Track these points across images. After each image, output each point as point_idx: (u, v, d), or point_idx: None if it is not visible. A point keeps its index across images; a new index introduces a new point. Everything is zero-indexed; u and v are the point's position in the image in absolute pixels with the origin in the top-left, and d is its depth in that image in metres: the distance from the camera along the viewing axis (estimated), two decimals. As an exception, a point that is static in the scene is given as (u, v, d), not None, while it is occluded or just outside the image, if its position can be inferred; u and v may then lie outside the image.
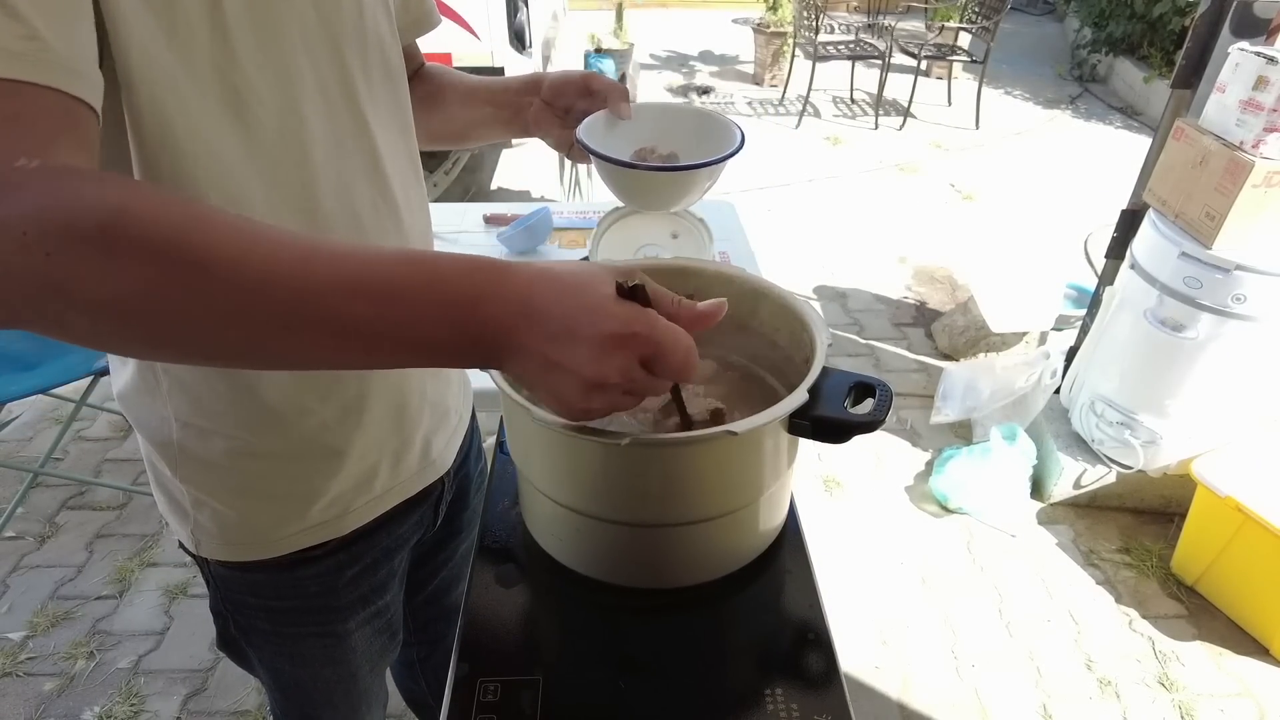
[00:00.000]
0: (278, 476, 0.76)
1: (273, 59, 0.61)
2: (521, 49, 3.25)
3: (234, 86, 0.59)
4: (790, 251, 3.75)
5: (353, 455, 0.79)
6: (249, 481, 0.76)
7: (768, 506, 0.69)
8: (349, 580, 0.86)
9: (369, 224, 0.72)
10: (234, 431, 0.72)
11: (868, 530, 2.29)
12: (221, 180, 0.61)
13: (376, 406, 0.78)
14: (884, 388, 0.63)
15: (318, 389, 0.73)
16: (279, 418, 0.73)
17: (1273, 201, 1.77)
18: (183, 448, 0.74)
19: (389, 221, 0.74)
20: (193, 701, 1.79)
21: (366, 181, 0.71)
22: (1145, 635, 1.98)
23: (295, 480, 0.77)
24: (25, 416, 2.64)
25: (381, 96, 0.72)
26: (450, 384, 0.92)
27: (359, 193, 0.71)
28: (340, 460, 0.78)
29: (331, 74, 0.66)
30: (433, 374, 0.86)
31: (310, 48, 0.64)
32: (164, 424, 0.73)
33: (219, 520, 0.77)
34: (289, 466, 0.76)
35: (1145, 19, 5.69)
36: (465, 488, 1.03)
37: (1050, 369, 2.42)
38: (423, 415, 0.85)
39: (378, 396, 0.78)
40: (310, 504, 0.78)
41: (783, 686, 0.61)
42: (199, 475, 0.75)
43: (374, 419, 0.78)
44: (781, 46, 5.88)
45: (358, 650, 0.92)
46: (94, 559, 2.14)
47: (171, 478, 0.76)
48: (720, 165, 0.84)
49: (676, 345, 0.48)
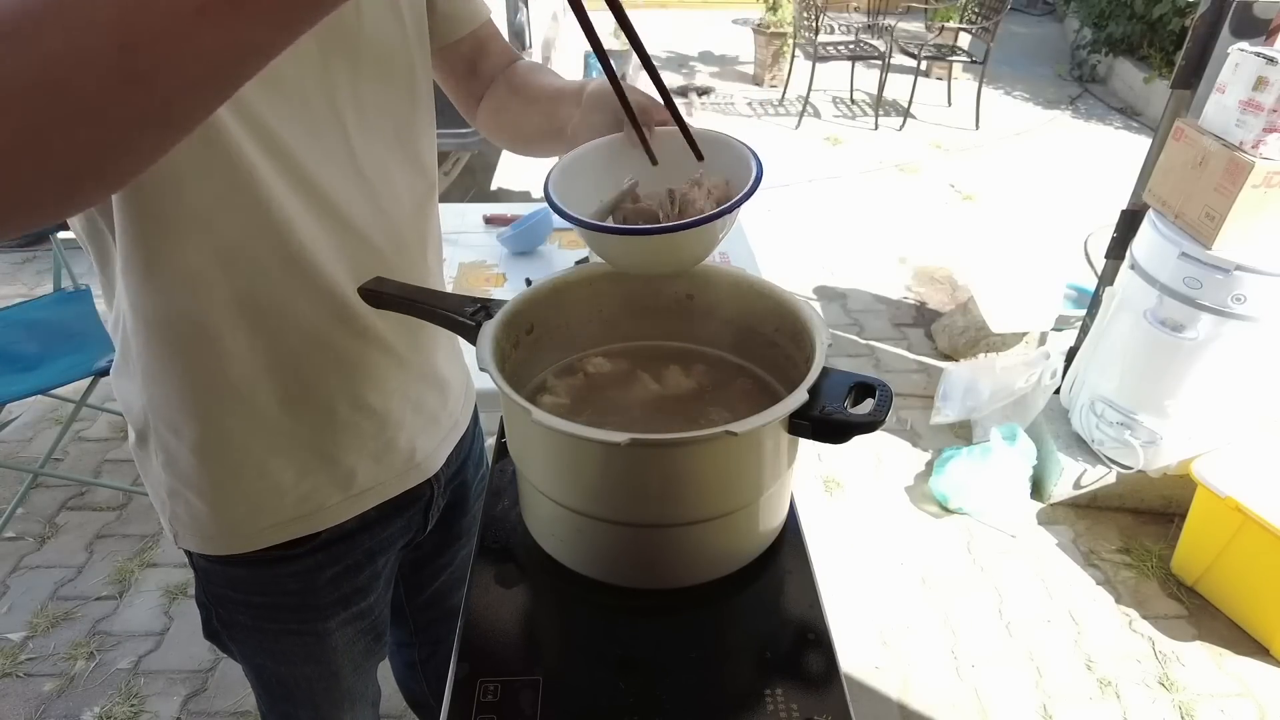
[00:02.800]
0: (247, 471, 0.76)
1: None
2: (521, 49, 3.25)
3: None
4: (790, 251, 3.75)
5: (325, 452, 0.79)
6: (219, 474, 0.76)
7: (768, 507, 0.69)
8: (329, 580, 0.86)
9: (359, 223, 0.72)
10: (201, 423, 0.73)
11: (868, 530, 2.28)
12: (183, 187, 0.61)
13: (348, 405, 0.78)
14: (884, 388, 0.63)
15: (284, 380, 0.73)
16: (246, 410, 0.73)
17: (1272, 202, 1.77)
18: (157, 435, 0.74)
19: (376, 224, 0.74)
20: (193, 702, 1.79)
21: (349, 184, 0.71)
22: (1145, 635, 1.97)
23: (264, 475, 0.77)
24: (25, 417, 2.64)
25: (371, 101, 0.72)
26: (444, 389, 0.91)
27: (340, 195, 0.70)
28: (311, 457, 0.78)
29: (311, 77, 0.66)
30: (419, 377, 0.85)
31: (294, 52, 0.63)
32: (141, 413, 0.74)
33: (192, 511, 0.78)
34: (258, 461, 0.76)
35: (1145, 19, 5.69)
36: (464, 494, 1.03)
37: (1050, 369, 2.42)
38: (406, 417, 0.84)
39: (348, 396, 0.78)
40: (280, 499, 0.78)
41: (783, 687, 0.61)
42: (172, 464, 0.76)
43: (345, 418, 0.78)
44: (781, 47, 5.88)
45: (339, 650, 0.92)
46: (94, 559, 2.14)
47: (152, 465, 0.77)
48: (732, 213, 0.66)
49: None
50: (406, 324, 0.79)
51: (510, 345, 0.72)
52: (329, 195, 0.69)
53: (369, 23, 0.69)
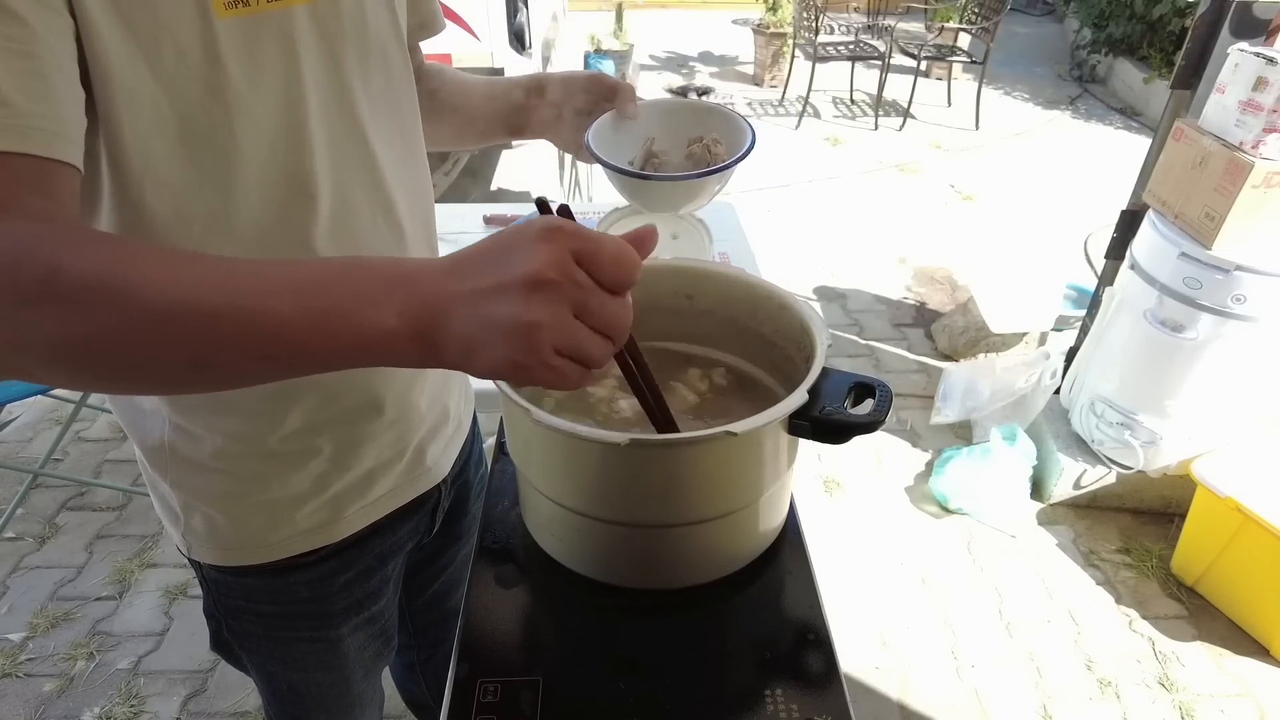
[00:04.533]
0: (267, 481, 0.76)
1: (269, 72, 0.60)
2: (521, 50, 3.25)
3: (227, 103, 0.59)
4: (790, 252, 3.75)
5: (343, 461, 0.78)
6: (238, 486, 0.75)
7: (768, 507, 0.69)
8: (342, 586, 0.86)
9: (368, 236, 0.71)
10: (222, 434, 0.72)
11: (868, 531, 2.28)
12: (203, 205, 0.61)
13: (368, 413, 0.78)
14: (884, 388, 0.63)
15: (305, 394, 0.73)
16: (267, 420, 0.73)
17: (1272, 202, 1.77)
18: (173, 450, 0.74)
19: (389, 234, 0.73)
20: (192, 703, 1.79)
21: (364, 194, 0.70)
22: (1145, 636, 1.97)
23: (285, 485, 0.76)
24: (25, 417, 2.64)
25: (381, 104, 0.71)
26: (450, 390, 0.91)
27: (357, 206, 0.70)
28: (331, 466, 0.78)
29: (328, 85, 0.65)
30: (429, 380, 0.85)
31: (307, 59, 0.63)
32: (155, 427, 0.73)
33: (210, 524, 0.77)
34: (278, 471, 0.76)
35: (1145, 19, 5.69)
36: (465, 494, 1.03)
37: (1050, 369, 2.42)
38: (417, 422, 0.84)
39: (368, 403, 0.77)
40: (300, 509, 0.78)
41: (783, 687, 0.61)
42: (189, 479, 0.75)
43: (365, 425, 0.78)
44: (781, 47, 5.88)
45: (351, 655, 0.92)
46: (94, 560, 2.14)
47: (162, 481, 0.76)
48: (731, 169, 0.82)
49: (606, 241, 0.45)
50: None
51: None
52: (348, 199, 0.69)
53: (373, 24, 0.69)
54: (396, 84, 0.74)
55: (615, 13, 5.45)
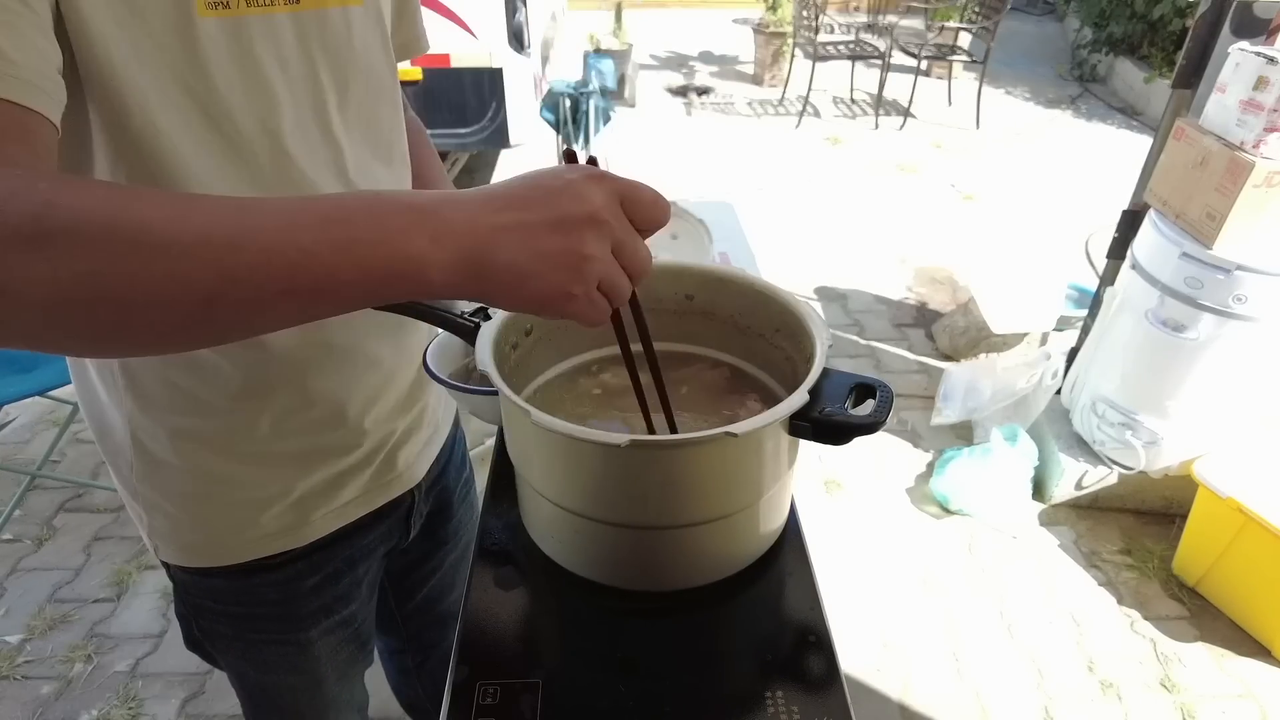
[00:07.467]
0: (231, 482, 0.76)
1: (247, 76, 0.61)
2: (520, 49, 3.25)
3: (203, 103, 0.59)
4: (790, 251, 3.74)
5: (310, 465, 0.78)
6: (202, 486, 0.75)
7: (768, 508, 0.69)
8: (309, 589, 0.85)
9: None
10: (185, 434, 0.72)
11: (869, 532, 2.28)
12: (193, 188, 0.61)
13: (335, 418, 0.77)
14: (884, 389, 0.62)
15: (274, 397, 0.73)
16: (234, 421, 0.72)
17: (1273, 202, 1.77)
18: (137, 449, 0.73)
19: None
20: (190, 705, 1.78)
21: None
22: (1147, 637, 1.97)
23: (250, 487, 0.76)
24: (22, 419, 2.63)
25: (358, 118, 0.71)
26: (425, 397, 0.90)
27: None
28: (297, 469, 0.77)
29: (305, 93, 0.66)
30: (399, 386, 0.84)
31: (287, 67, 0.64)
32: (120, 425, 0.73)
33: (173, 524, 0.77)
34: (243, 472, 0.75)
35: (1145, 19, 5.69)
36: (447, 499, 1.02)
37: (1051, 370, 2.41)
38: (388, 428, 0.84)
39: (336, 409, 0.77)
40: (265, 511, 0.78)
41: (783, 689, 0.61)
42: (153, 478, 0.75)
43: (333, 431, 0.78)
44: (781, 46, 5.88)
45: (322, 659, 0.91)
46: (91, 561, 2.13)
47: (129, 480, 0.76)
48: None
49: (642, 186, 0.48)
50: (392, 333, 0.79)
51: (509, 346, 0.72)
52: None
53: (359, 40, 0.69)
54: (378, 97, 0.74)
55: (615, 12, 5.45)
